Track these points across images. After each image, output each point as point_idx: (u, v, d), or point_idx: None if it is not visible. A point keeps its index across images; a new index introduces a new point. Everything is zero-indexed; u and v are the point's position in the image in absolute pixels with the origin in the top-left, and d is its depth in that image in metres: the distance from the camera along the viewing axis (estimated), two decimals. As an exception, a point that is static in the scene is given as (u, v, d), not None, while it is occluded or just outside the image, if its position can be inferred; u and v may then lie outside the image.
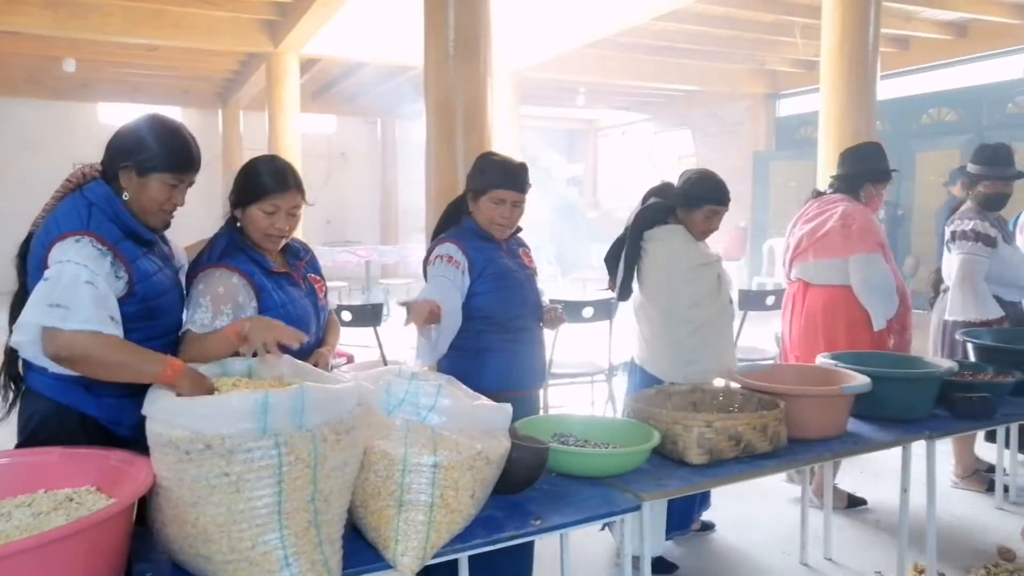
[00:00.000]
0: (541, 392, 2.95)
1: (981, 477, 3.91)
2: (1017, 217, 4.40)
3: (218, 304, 1.98)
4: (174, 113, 15.18)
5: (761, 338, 5.54)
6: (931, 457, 2.72)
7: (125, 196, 1.88)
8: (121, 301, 1.81)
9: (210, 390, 1.69)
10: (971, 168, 3.92)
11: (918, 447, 2.63)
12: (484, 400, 1.80)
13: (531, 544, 2.50)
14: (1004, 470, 3.83)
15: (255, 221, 2.09)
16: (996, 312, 3.77)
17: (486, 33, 4.23)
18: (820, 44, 5.81)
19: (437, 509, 1.67)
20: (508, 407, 1.81)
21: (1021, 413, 2.89)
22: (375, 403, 1.78)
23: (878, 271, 3.43)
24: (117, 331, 1.75)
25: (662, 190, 3.12)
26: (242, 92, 12.36)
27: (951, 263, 3.88)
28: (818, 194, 3.73)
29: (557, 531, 1.89)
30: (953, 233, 3.85)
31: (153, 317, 1.91)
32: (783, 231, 3.92)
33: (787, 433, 2.31)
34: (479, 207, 2.55)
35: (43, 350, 1.71)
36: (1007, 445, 3.84)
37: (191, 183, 1.98)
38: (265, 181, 2.09)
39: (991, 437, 3.95)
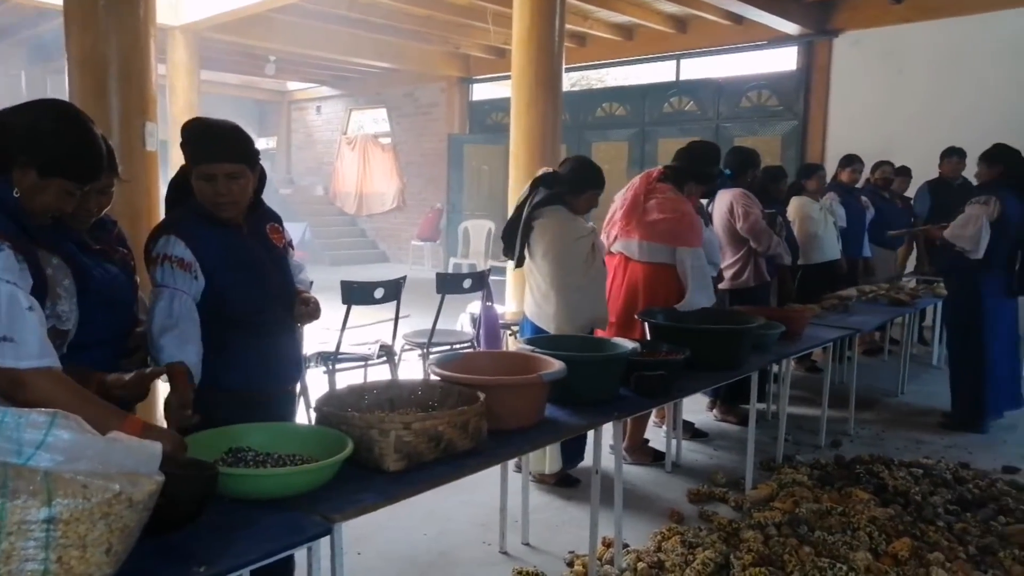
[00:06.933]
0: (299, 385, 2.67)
1: (647, 449, 4.22)
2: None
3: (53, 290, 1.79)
4: None
5: (459, 321, 5.54)
6: (617, 436, 2.81)
7: (16, 193, 1.66)
8: None
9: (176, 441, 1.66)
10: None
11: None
12: (121, 435, 1.40)
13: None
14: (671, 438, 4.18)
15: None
16: None
17: (145, -26, 3.58)
18: (511, 32, 5.94)
19: (54, 578, 1.26)
20: (157, 445, 1.42)
21: (693, 387, 3.11)
22: (-47, 444, 1.29)
23: (704, 264, 3.95)
24: (57, 360, 1.63)
25: (546, 178, 3.59)
26: None
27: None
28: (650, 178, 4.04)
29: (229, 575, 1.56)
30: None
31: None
32: (478, 213, 4.04)
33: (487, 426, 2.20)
34: (195, 186, 2.14)
35: None
36: (674, 423, 4.20)
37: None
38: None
39: (715, 393, 4.81)
